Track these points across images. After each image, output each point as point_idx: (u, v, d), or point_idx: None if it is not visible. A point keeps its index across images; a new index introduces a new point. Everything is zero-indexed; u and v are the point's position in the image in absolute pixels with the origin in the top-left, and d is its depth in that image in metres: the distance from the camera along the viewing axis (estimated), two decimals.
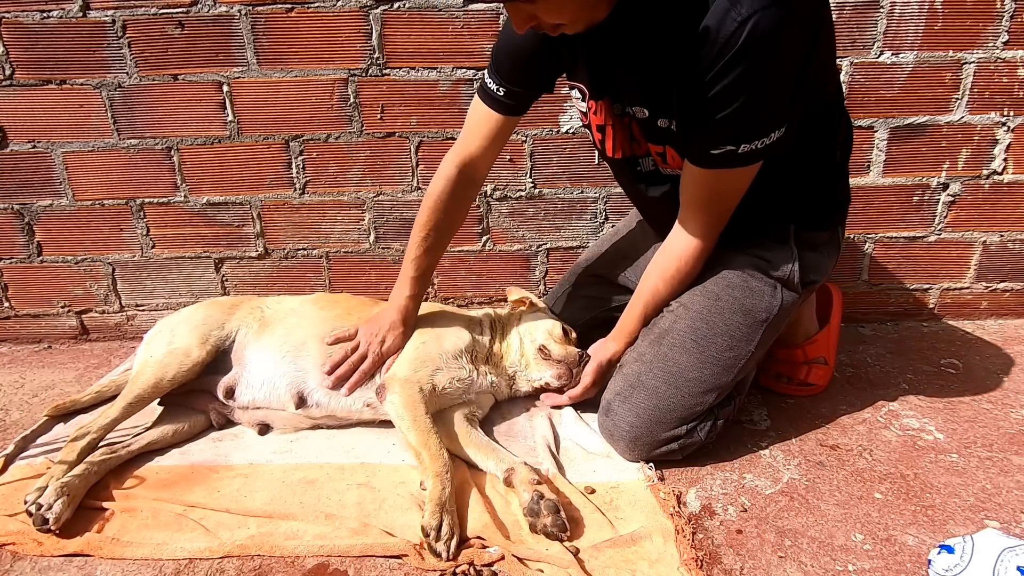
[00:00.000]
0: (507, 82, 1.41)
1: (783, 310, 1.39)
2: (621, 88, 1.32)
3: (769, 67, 1.08)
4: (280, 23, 1.80)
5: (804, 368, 1.64)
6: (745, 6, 1.02)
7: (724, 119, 1.14)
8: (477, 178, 1.56)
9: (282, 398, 1.48)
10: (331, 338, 1.52)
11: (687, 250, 1.36)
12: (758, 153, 1.18)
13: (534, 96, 1.48)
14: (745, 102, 1.11)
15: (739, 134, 1.16)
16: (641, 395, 1.35)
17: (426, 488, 1.22)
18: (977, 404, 1.59)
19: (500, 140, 1.51)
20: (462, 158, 1.51)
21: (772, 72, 1.09)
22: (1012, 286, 2.07)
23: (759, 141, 1.16)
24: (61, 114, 1.89)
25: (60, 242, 2.03)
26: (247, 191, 1.98)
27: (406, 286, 1.55)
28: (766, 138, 1.16)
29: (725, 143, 1.17)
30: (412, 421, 1.33)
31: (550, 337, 1.58)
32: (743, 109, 1.12)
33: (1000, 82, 1.84)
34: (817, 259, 1.43)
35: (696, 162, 1.24)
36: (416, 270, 1.55)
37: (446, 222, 1.55)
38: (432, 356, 1.48)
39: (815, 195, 1.41)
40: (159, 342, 1.51)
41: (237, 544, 1.15)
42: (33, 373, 1.92)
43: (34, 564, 1.13)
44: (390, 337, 1.51)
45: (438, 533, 1.11)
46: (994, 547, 1.01)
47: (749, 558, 1.12)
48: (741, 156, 1.18)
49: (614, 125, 1.40)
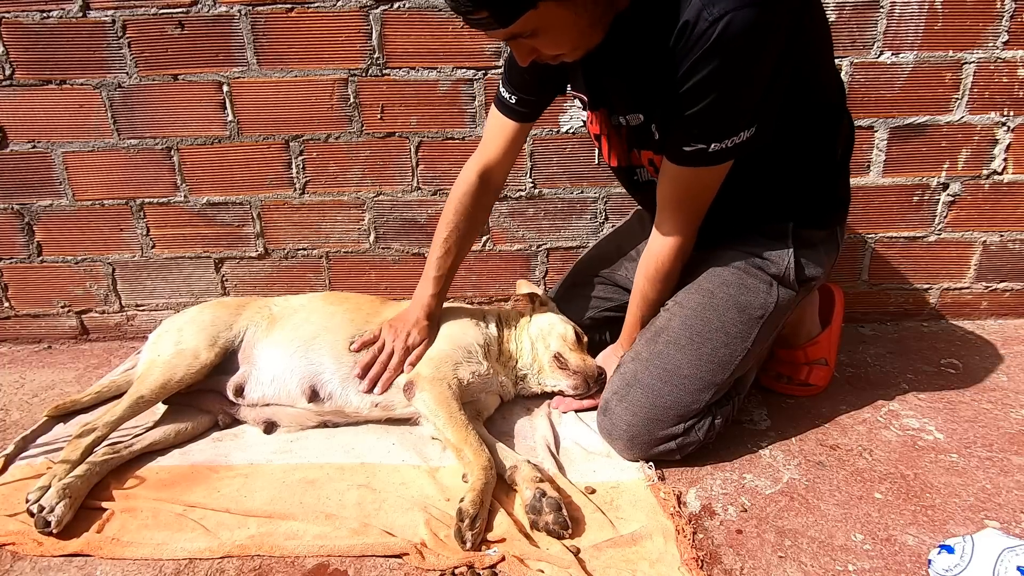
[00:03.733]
0: (519, 90, 1.47)
1: (779, 307, 1.39)
2: (615, 97, 1.35)
3: (739, 67, 1.10)
4: (280, 23, 1.80)
5: (805, 369, 1.64)
6: (719, 5, 1.04)
7: (695, 116, 1.16)
8: (496, 184, 1.61)
9: (292, 393, 1.49)
10: (357, 343, 1.53)
11: (664, 248, 1.38)
12: (728, 152, 1.20)
13: (545, 102, 1.52)
14: (715, 100, 1.13)
15: (709, 132, 1.18)
16: (638, 393, 1.36)
17: (468, 480, 1.24)
18: (977, 404, 1.59)
19: (516, 146, 1.57)
20: (482, 165, 1.56)
21: (742, 72, 1.11)
22: (1012, 286, 2.07)
23: (728, 140, 1.19)
24: (61, 114, 1.89)
25: (60, 242, 2.03)
26: (247, 191, 1.98)
27: (429, 285, 1.59)
28: (735, 137, 1.19)
29: (697, 141, 1.20)
30: (448, 418, 1.35)
31: (564, 344, 1.58)
32: (713, 107, 1.14)
33: (1000, 82, 1.84)
34: (815, 256, 1.43)
35: (671, 159, 1.27)
36: (438, 270, 1.59)
37: (467, 225, 1.59)
38: (454, 352, 1.50)
39: (815, 193, 1.41)
40: (166, 342, 1.51)
41: (237, 544, 1.15)
42: (33, 373, 1.92)
43: (34, 564, 1.13)
44: (414, 332, 1.55)
45: (472, 522, 1.13)
46: (994, 547, 1.01)
47: (749, 558, 1.12)
48: (712, 155, 1.20)
49: (609, 136, 1.44)
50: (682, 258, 1.40)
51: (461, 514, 1.14)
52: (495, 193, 1.63)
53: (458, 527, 1.13)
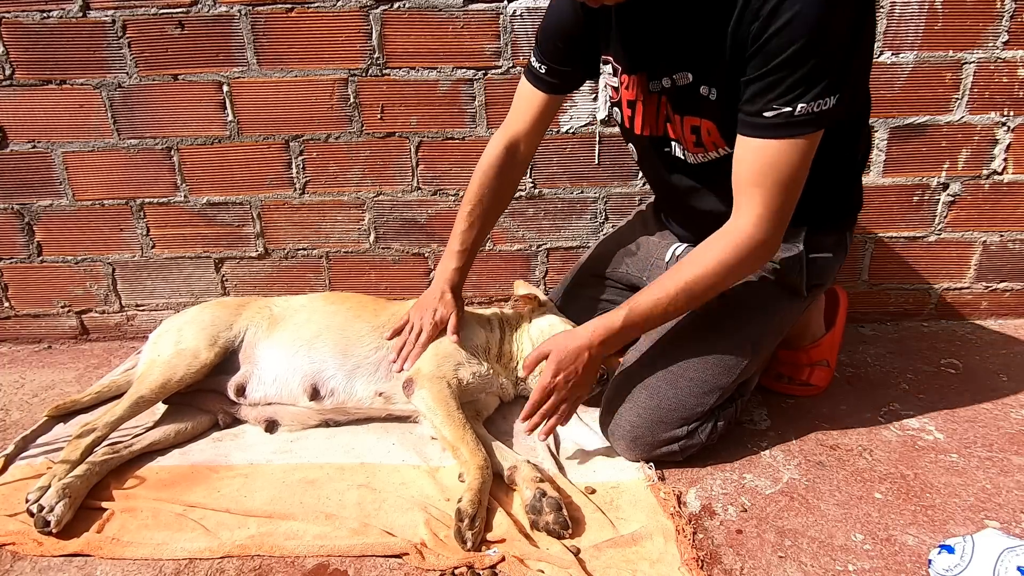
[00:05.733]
0: (550, 60, 1.41)
1: (788, 312, 1.38)
2: (660, 56, 1.26)
3: (827, 13, 1.02)
4: (280, 23, 1.80)
5: (807, 370, 1.64)
6: None
7: (779, 67, 1.06)
8: (523, 157, 1.55)
9: (294, 392, 1.49)
10: (389, 332, 1.55)
11: (738, 237, 1.19)
12: (816, 119, 1.09)
13: (576, 78, 1.46)
14: (803, 47, 1.03)
15: (795, 88, 1.07)
16: (642, 394, 1.35)
17: (464, 480, 1.25)
18: (977, 404, 1.59)
19: (544, 119, 1.51)
20: (508, 137, 1.51)
21: (830, 20, 1.02)
22: (1012, 286, 2.07)
23: (816, 103, 1.07)
24: (61, 114, 1.89)
25: (60, 242, 2.03)
26: (247, 191, 1.98)
27: (452, 259, 1.56)
28: (822, 100, 1.07)
29: (780, 101, 1.08)
30: (446, 416, 1.36)
31: None
32: (800, 55, 1.04)
33: (1000, 82, 1.84)
34: (826, 262, 1.40)
35: (748, 132, 1.15)
36: (461, 244, 1.55)
37: (492, 198, 1.54)
38: (456, 352, 1.50)
39: (832, 198, 1.37)
40: (166, 342, 1.52)
41: (237, 544, 1.15)
42: (33, 373, 1.92)
43: (34, 564, 1.13)
44: (440, 307, 1.54)
45: (472, 522, 1.14)
46: (994, 547, 1.01)
47: (749, 558, 1.12)
48: (798, 121, 1.09)
49: (644, 101, 1.35)
50: (756, 257, 1.21)
51: (460, 514, 1.14)
52: (523, 165, 1.57)
53: (457, 527, 1.13)
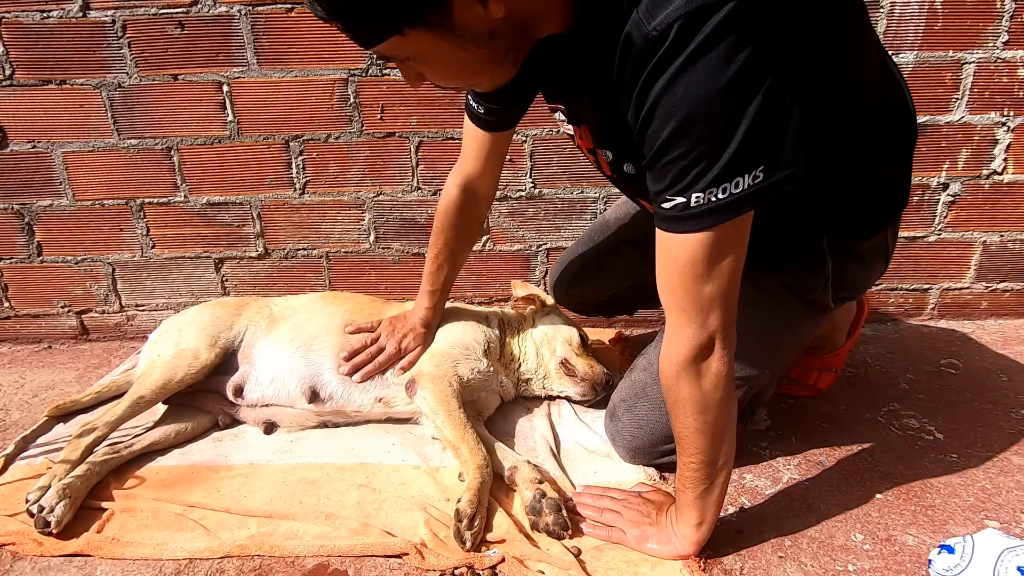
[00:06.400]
0: (483, 99, 1.33)
1: (812, 329, 1.32)
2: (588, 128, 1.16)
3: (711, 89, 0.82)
4: (280, 23, 1.80)
5: (815, 374, 1.61)
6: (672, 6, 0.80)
7: (659, 153, 0.89)
8: (480, 195, 1.49)
9: (292, 394, 1.49)
10: (352, 327, 1.55)
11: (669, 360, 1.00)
12: (720, 208, 0.87)
13: (515, 113, 1.36)
14: (679, 130, 0.85)
15: (683, 176, 0.88)
16: (645, 407, 1.32)
17: (464, 480, 1.25)
18: (977, 404, 1.59)
19: (495, 156, 1.42)
20: (463, 178, 1.46)
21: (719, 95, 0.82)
22: (1012, 286, 2.07)
23: (716, 188, 0.86)
24: (61, 114, 1.88)
25: (60, 242, 2.03)
26: (247, 191, 1.98)
27: (424, 299, 1.57)
28: (726, 184, 0.86)
29: (671, 191, 0.89)
30: (447, 416, 1.36)
31: (571, 349, 1.58)
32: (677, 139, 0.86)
33: (1000, 82, 1.84)
34: (858, 270, 1.27)
35: (655, 222, 0.96)
36: (431, 285, 1.56)
37: (455, 238, 1.52)
38: (452, 349, 1.51)
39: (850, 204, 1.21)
40: (166, 342, 1.51)
41: (237, 544, 1.15)
42: (33, 373, 1.92)
43: (34, 564, 1.13)
44: (411, 336, 1.54)
45: (471, 522, 1.13)
46: (994, 547, 1.01)
47: (749, 558, 1.12)
48: (695, 213, 0.88)
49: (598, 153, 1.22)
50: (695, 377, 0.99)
51: (459, 515, 1.14)
52: (484, 203, 1.52)
53: (457, 528, 1.13)
